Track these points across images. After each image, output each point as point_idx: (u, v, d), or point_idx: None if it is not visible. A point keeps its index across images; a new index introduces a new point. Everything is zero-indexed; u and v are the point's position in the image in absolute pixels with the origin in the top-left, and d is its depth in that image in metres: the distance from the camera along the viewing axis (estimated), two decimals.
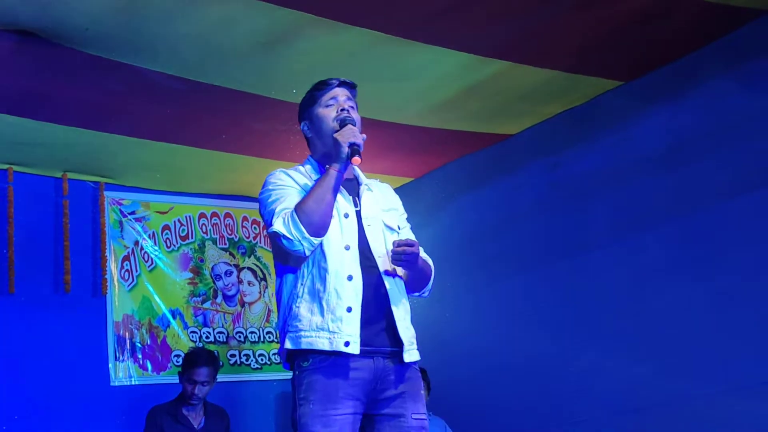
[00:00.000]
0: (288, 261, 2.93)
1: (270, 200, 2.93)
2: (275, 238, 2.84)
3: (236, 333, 6.39)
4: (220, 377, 6.02)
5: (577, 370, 5.07)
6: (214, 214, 6.53)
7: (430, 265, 3.12)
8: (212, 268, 6.43)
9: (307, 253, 2.82)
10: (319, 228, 2.80)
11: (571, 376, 5.11)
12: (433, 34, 4.20)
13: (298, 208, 2.80)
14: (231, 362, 6.29)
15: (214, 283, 6.40)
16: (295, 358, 2.88)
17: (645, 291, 4.75)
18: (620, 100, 4.99)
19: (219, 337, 6.29)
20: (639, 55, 4.64)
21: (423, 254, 3.08)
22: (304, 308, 2.85)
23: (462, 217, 6.02)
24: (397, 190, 3.30)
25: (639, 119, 4.88)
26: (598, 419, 4.92)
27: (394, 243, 2.88)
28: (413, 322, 3.01)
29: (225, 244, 6.54)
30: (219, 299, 6.38)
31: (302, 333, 2.83)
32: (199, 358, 5.12)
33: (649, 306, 4.72)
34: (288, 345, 2.86)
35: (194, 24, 3.94)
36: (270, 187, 2.98)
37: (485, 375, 5.68)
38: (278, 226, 2.81)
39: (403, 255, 2.84)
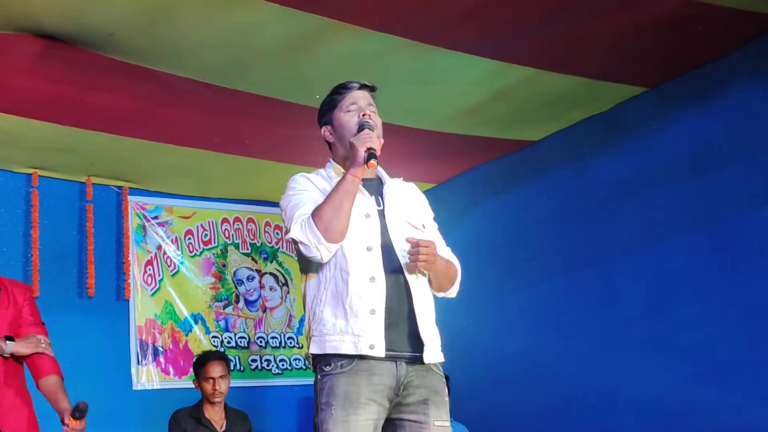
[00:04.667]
0: (310, 265, 2.91)
1: (290, 205, 2.92)
2: (294, 245, 2.84)
3: (258, 338, 6.39)
4: (242, 382, 6.02)
5: (602, 377, 5.03)
6: (237, 219, 6.54)
7: (455, 266, 3.07)
8: (234, 273, 6.43)
9: (326, 259, 2.81)
10: (336, 234, 2.77)
11: (595, 383, 5.07)
12: (459, 40, 4.18)
13: (315, 214, 2.78)
14: (252, 367, 6.29)
15: (236, 288, 6.40)
16: (318, 362, 2.86)
17: (671, 298, 4.70)
18: (646, 107, 4.95)
19: (240, 342, 6.30)
20: (665, 61, 4.60)
21: (448, 254, 3.05)
22: (327, 312, 2.83)
23: (486, 223, 5.99)
24: None
25: (665, 125, 4.84)
26: (623, 428, 4.88)
27: (407, 240, 2.84)
28: (438, 325, 2.97)
29: (247, 249, 6.54)
30: (241, 304, 6.39)
31: (327, 337, 2.81)
32: (208, 355, 5.22)
33: (675, 314, 4.67)
34: (314, 350, 2.85)
35: (219, 29, 3.94)
36: (290, 192, 2.97)
37: (508, 381, 5.65)
38: (295, 232, 2.79)
39: (414, 254, 2.80)
